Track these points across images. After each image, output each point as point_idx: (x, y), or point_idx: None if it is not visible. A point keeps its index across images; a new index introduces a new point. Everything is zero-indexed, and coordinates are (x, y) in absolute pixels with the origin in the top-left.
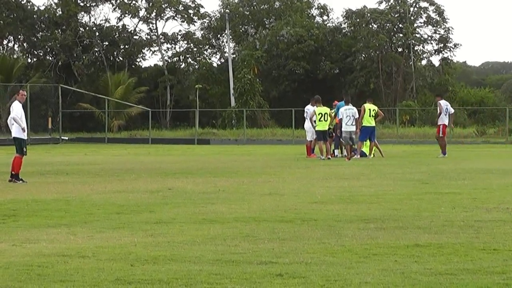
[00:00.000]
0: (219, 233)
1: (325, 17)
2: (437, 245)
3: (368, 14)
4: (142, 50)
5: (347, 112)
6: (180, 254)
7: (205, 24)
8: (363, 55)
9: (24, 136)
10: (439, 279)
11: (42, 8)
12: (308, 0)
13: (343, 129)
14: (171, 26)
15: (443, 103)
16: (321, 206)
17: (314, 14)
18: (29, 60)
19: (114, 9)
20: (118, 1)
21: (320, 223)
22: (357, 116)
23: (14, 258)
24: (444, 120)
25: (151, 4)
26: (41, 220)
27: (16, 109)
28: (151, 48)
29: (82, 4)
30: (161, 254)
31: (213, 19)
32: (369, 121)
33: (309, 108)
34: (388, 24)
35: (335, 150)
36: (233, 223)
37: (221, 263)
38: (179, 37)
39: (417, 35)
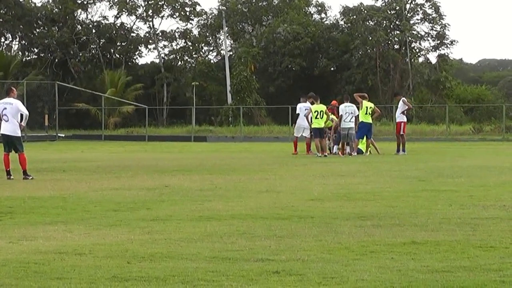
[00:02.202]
0: (216, 231)
1: (323, 15)
2: (433, 243)
3: (365, 11)
4: (139, 48)
5: (346, 109)
6: (176, 251)
7: (202, 21)
8: (360, 52)
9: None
10: (435, 276)
11: (39, 5)
12: None
13: (341, 126)
14: (168, 23)
15: (403, 100)
16: (318, 203)
17: (312, 12)
18: (26, 57)
19: (111, 6)
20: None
21: (316, 221)
22: (356, 113)
23: (10, 255)
24: (403, 118)
25: (148, 2)
26: (37, 217)
27: (24, 107)
28: (148, 46)
29: (79, 1)
30: (158, 251)
31: (210, 17)
32: (366, 118)
33: (301, 106)
34: (385, 21)
35: (335, 147)
36: (230, 221)
37: (217, 260)
38: (177, 34)
39: (414, 32)
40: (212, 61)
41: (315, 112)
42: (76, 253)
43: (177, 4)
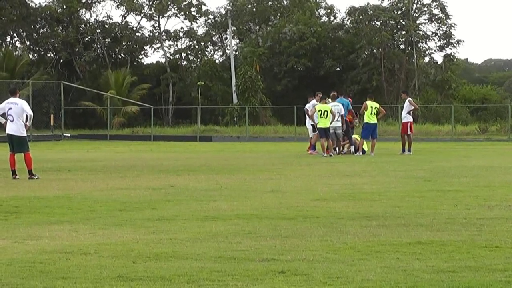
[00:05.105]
0: (221, 230)
1: (331, 18)
2: (439, 243)
3: (371, 11)
4: (144, 47)
5: (333, 108)
6: (182, 251)
7: (209, 21)
8: (366, 52)
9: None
10: (441, 276)
11: (44, 5)
12: (316, 1)
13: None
14: (174, 23)
15: (409, 100)
16: (323, 203)
17: (321, 14)
18: (31, 57)
19: (118, 6)
20: None
21: (322, 220)
22: (342, 112)
23: (16, 255)
24: (410, 118)
25: (154, 1)
26: (43, 217)
27: (29, 108)
28: (153, 45)
29: (83, 0)
30: (163, 251)
31: (217, 16)
32: (370, 119)
33: (309, 106)
34: (391, 21)
35: (352, 146)
36: (235, 220)
37: (223, 260)
38: (182, 34)
39: (420, 32)
40: (217, 61)
41: (319, 111)
42: (82, 253)
43: (183, 4)
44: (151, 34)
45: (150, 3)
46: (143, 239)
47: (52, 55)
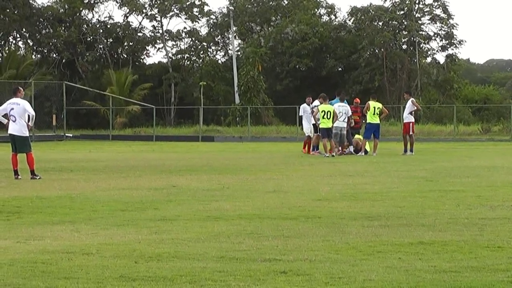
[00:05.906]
0: (223, 230)
1: (332, 17)
2: (441, 243)
3: (373, 12)
4: (147, 47)
5: (340, 108)
6: (184, 251)
7: (211, 21)
8: (368, 53)
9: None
10: (443, 276)
11: (46, 5)
12: (316, 0)
13: (334, 125)
14: (176, 23)
15: (412, 101)
16: (325, 203)
17: (322, 13)
18: (34, 57)
19: (120, 6)
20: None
21: (324, 221)
22: (349, 114)
23: (18, 255)
24: (411, 118)
25: (156, 1)
26: (45, 217)
27: (31, 108)
28: (156, 45)
29: (86, 1)
30: (165, 251)
31: (219, 16)
32: (373, 119)
33: (305, 107)
34: (393, 22)
35: (350, 147)
36: (237, 220)
37: (225, 260)
38: (184, 34)
39: (422, 32)
40: (219, 61)
41: (322, 111)
42: (84, 253)
43: (185, 5)
44: (153, 34)
45: (152, 3)
46: (145, 239)
47: (54, 55)
